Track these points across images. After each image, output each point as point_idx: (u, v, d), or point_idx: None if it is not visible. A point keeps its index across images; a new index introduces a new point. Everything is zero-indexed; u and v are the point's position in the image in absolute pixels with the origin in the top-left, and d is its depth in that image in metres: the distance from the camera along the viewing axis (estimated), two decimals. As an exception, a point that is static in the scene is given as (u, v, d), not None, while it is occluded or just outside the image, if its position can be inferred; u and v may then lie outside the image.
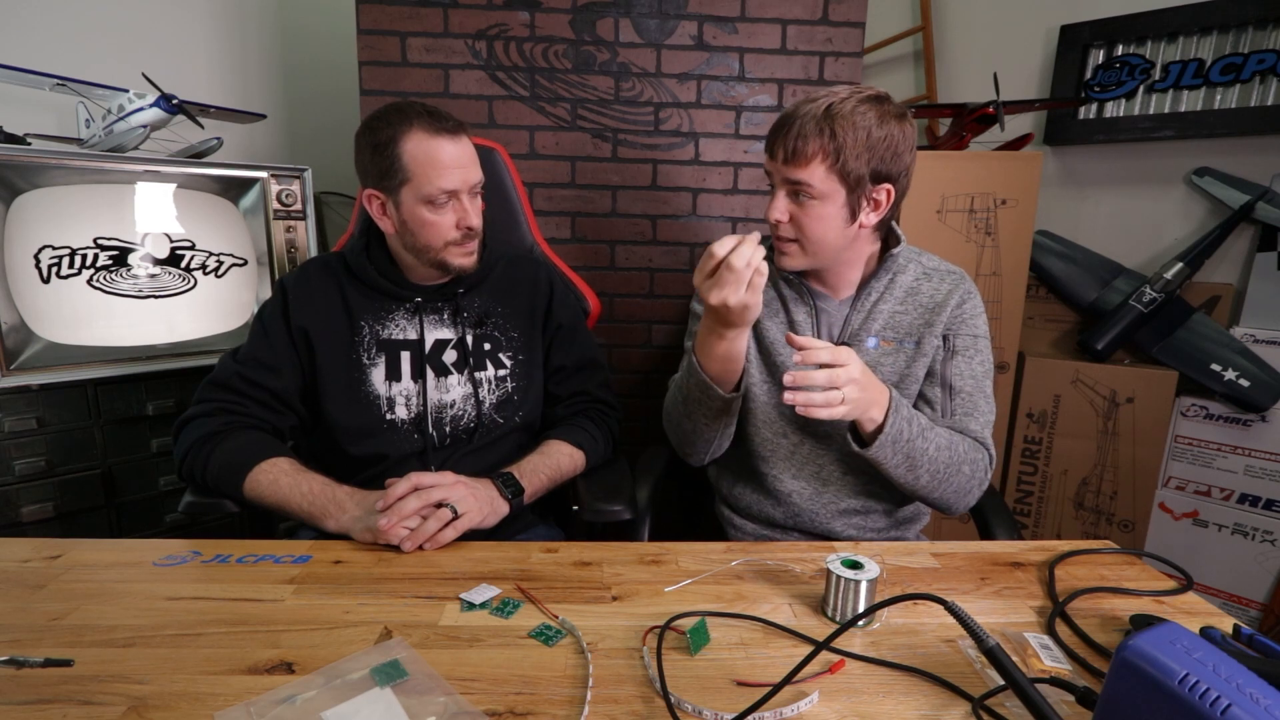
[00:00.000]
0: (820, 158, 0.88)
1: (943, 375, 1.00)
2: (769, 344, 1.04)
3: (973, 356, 1.00)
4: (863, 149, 0.88)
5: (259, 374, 1.00)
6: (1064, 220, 2.13)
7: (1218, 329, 1.86)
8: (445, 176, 0.96)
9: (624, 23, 1.67)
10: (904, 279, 1.02)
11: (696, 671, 0.61)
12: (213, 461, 0.93)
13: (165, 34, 1.83)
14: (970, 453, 0.95)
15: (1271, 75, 1.80)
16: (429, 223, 0.98)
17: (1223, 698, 0.41)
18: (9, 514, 1.38)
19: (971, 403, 0.99)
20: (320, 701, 0.56)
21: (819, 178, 0.89)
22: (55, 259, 1.38)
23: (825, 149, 0.88)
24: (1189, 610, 0.73)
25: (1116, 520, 1.95)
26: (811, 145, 0.88)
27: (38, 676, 0.59)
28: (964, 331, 1.00)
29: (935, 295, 1.01)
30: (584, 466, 1.08)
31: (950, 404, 1.00)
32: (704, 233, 1.79)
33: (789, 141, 0.89)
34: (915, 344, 1.00)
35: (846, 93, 0.90)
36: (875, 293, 1.01)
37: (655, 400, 1.85)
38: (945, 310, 1.00)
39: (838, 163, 0.88)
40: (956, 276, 1.03)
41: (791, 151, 0.89)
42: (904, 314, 1.01)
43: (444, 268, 1.03)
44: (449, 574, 0.78)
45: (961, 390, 1.00)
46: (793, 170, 0.90)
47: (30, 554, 0.80)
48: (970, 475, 0.95)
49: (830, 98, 0.89)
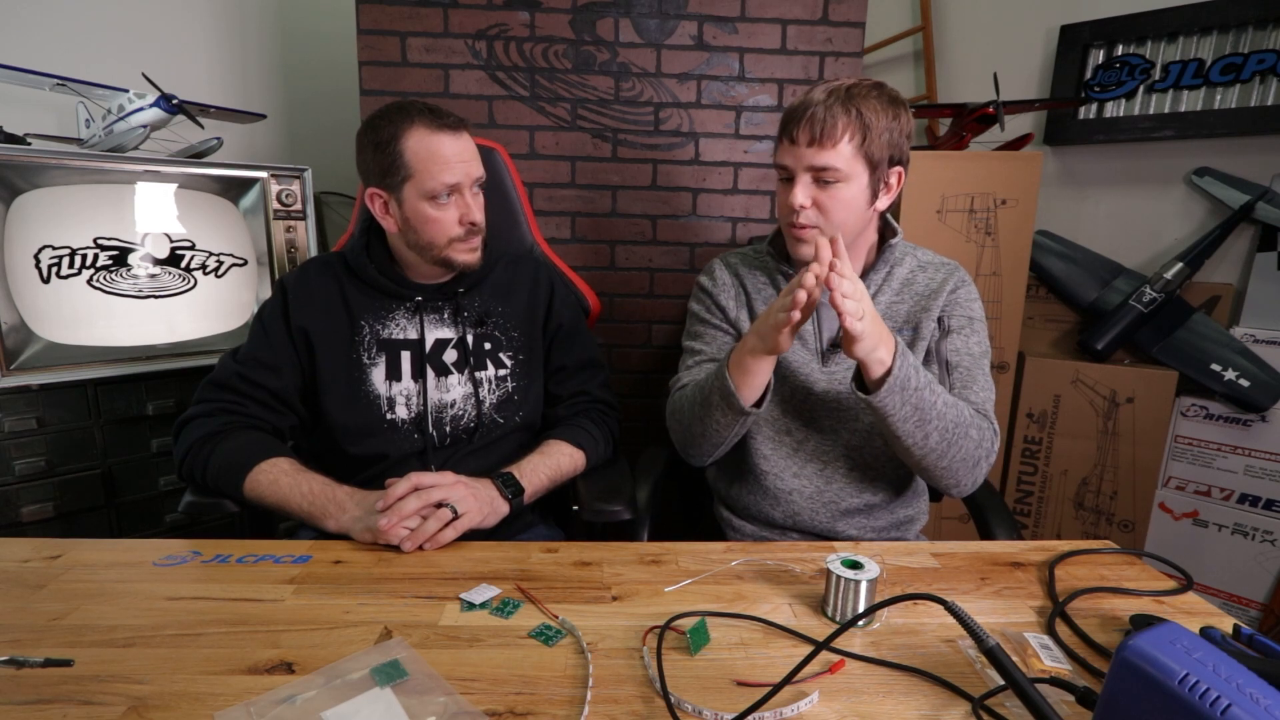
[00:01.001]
0: (849, 137, 0.89)
1: (939, 353, 1.00)
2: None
3: (969, 335, 1.01)
4: (884, 130, 0.90)
5: (259, 374, 1.00)
6: (1064, 220, 2.13)
7: (1218, 329, 1.86)
8: (447, 171, 0.96)
9: (624, 23, 1.67)
10: (900, 271, 1.03)
11: (696, 671, 0.61)
12: (213, 462, 0.93)
13: (165, 34, 1.83)
14: (975, 419, 0.93)
15: (1271, 75, 1.80)
16: (432, 219, 0.98)
17: (1223, 698, 0.41)
18: (9, 514, 1.38)
19: (969, 376, 0.99)
20: (320, 701, 0.56)
21: (845, 159, 0.89)
22: (55, 259, 1.38)
23: (853, 128, 0.89)
24: (1189, 610, 0.73)
25: (1116, 520, 1.95)
26: (840, 125, 0.88)
27: (38, 676, 0.59)
28: (958, 313, 1.01)
29: (930, 284, 1.02)
30: (584, 466, 1.08)
31: (948, 379, 0.99)
32: (704, 233, 1.79)
33: (815, 124, 0.88)
34: (913, 330, 1.01)
35: (852, 79, 0.91)
36: (873, 285, 1.02)
37: (655, 400, 1.87)
38: (940, 295, 1.01)
39: (865, 142, 0.89)
40: (951, 267, 1.04)
41: (820, 134, 0.88)
42: (900, 303, 1.02)
43: (448, 265, 1.03)
44: (449, 574, 0.78)
45: (959, 366, 0.99)
46: (819, 153, 0.89)
47: (30, 554, 0.80)
48: (978, 443, 0.93)
49: (843, 82, 0.90)
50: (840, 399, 1.03)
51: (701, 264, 1.81)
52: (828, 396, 1.03)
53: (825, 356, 1.03)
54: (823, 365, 1.03)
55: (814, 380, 1.03)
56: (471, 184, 0.99)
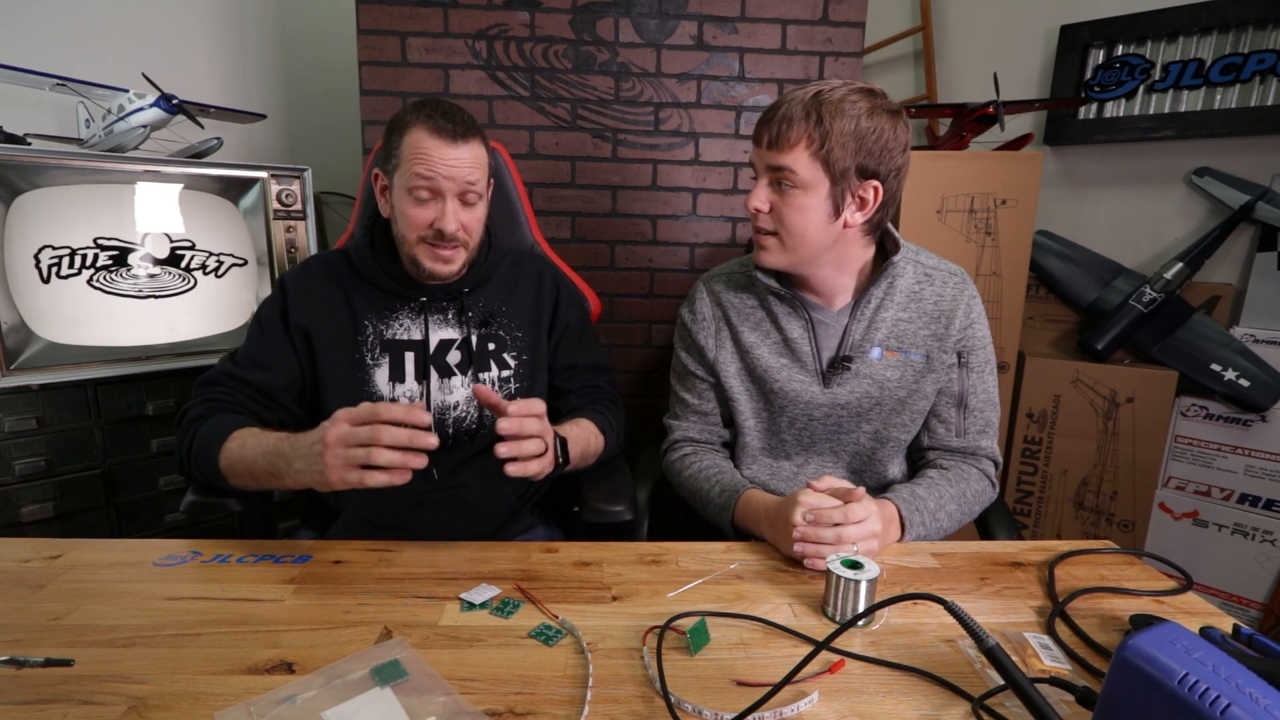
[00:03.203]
0: (805, 143, 0.86)
1: (960, 394, 1.00)
2: (762, 371, 1.01)
3: (985, 374, 1.00)
4: (849, 138, 0.86)
5: (249, 370, 1.00)
6: (1064, 220, 2.13)
7: (1218, 329, 1.86)
8: (428, 172, 0.95)
9: (624, 23, 1.67)
10: (903, 282, 0.99)
11: (696, 671, 0.61)
12: (195, 443, 0.91)
13: (165, 34, 1.83)
14: (980, 494, 0.98)
15: (1271, 75, 1.80)
16: (406, 214, 0.98)
17: (1222, 698, 0.41)
18: (9, 514, 1.38)
19: (984, 421, 1.01)
20: (320, 701, 0.56)
21: (802, 164, 0.87)
22: (55, 259, 1.38)
23: (810, 134, 0.86)
24: (1189, 610, 0.73)
25: (1116, 520, 1.95)
26: (796, 130, 0.86)
27: (38, 676, 0.59)
28: (976, 346, 0.99)
29: (940, 302, 0.98)
30: (601, 453, 1.07)
31: (964, 422, 1.00)
32: (704, 233, 1.79)
33: (774, 126, 0.87)
34: (924, 358, 0.98)
35: (838, 83, 0.89)
36: (875, 300, 0.98)
37: (655, 400, 1.87)
38: (954, 322, 0.97)
39: (822, 149, 0.86)
40: (958, 279, 1.00)
41: (776, 136, 0.87)
42: (908, 322, 0.98)
43: (416, 265, 1.01)
44: (449, 574, 0.78)
45: (975, 409, 1.00)
46: (776, 155, 0.88)
47: (30, 554, 0.80)
48: (982, 505, 1.00)
49: (820, 86, 0.88)
50: (840, 421, 1.01)
51: (702, 264, 1.81)
52: (829, 420, 1.01)
53: (826, 378, 1.00)
54: (824, 387, 0.99)
55: (816, 404, 1.00)
56: (457, 192, 0.97)
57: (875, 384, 0.98)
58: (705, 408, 1.09)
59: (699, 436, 1.09)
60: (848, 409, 1.00)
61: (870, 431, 1.01)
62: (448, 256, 1.00)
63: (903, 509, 0.89)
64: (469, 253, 1.03)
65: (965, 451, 1.02)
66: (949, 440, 1.02)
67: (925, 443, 1.04)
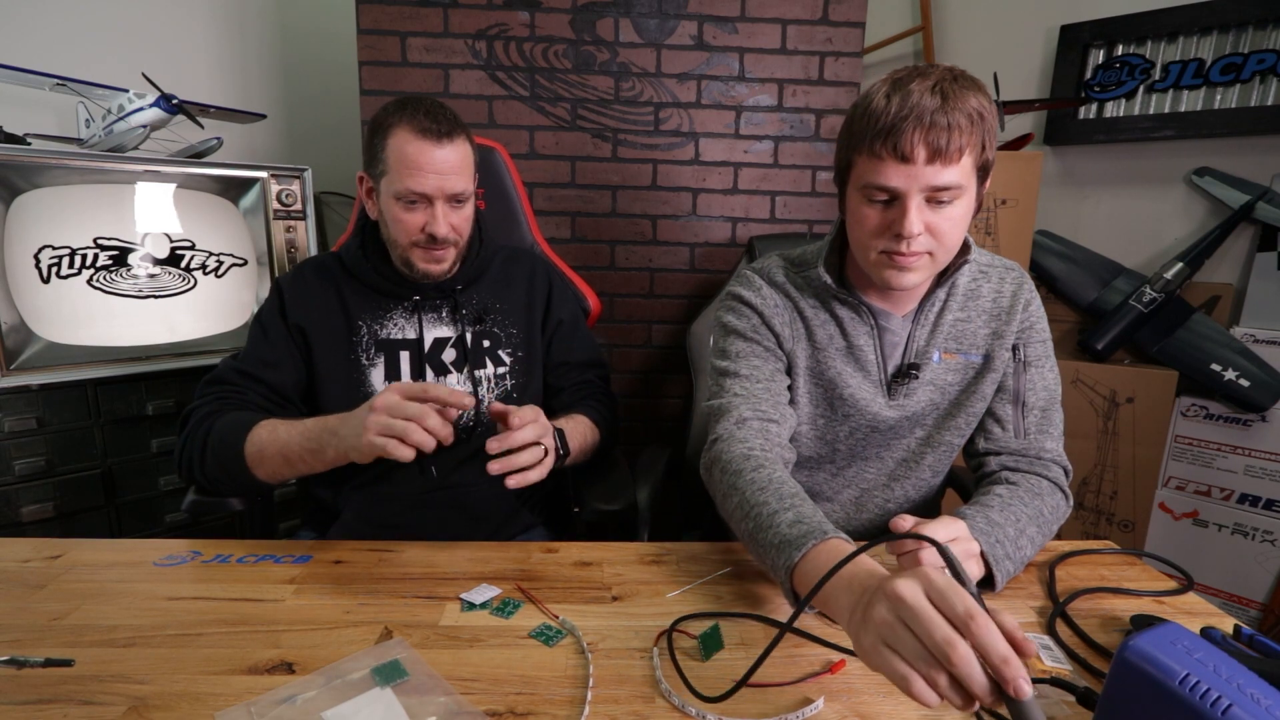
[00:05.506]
0: (970, 150, 0.75)
1: (1016, 390, 0.91)
2: (834, 375, 0.91)
3: (1044, 366, 0.92)
4: (993, 131, 0.77)
5: (258, 369, 1.00)
6: (1064, 220, 2.13)
7: (1218, 329, 1.86)
8: (417, 180, 0.94)
9: (624, 23, 1.67)
10: (961, 281, 0.91)
11: (699, 671, 0.61)
12: (212, 434, 0.90)
13: (165, 34, 1.83)
14: (1056, 510, 0.85)
15: (1271, 75, 1.80)
16: (397, 219, 0.98)
17: (1223, 698, 0.40)
18: (9, 514, 1.38)
19: (1046, 419, 0.91)
20: (320, 701, 0.56)
21: (966, 173, 0.76)
22: (55, 259, 1.38)
23: (974, 135, 0.74)
24: (1189, 610, 0.73)
25: (1116, 520, 1.95)
26: (964, 138, 0.73)
27: (38, 676, 0.59)
28: (1034, 339, 0.91)
29: (999, 299, 0.91)
30: (597, 446, 1.07)
31: (1024, 422, 0.91)
32: (704, 232, 1.79)
33: (937, 135, 0.72)
34: (983, 357, 0.91)
35: (939, 67, 0.76)
36: (938, 303, 0.90)
37: (655, 400, 1.87)
38: (1014, 317, 0.90)
39: (982, 152, 0.77)
40: (1016, 274, 0.93)
41: (945, 145, 0.73)
42: (966, 321, 0.91)
43: (409, 267, 1.02)
44: (449, 574, 0.78)
45: (1035, 406, 0.91)
46: (942, 171, 0.74)
47: (30, 554, 0.80)
48: (1058, 524, 0.87)
49: (938, 73, 0.74)
50: (898, 430, 0.92)
51: (702, 264, 1.81)
52: (892, 433, 0.93)
53: (891, 388, 0.91)
54: (889, 398, 0.91)
55: (881, 417, 0.91)
56: (445, 197, 0.97)
57: (937, 389, 0.91)
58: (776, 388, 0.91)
59: (773, 415, 0.88)
60: (911, 419, 0.92)
61: (921, 437, 0.94)
62: (440, 256, 1.01)
63: (987, 552, 0.72)
64: (460, 250, 1.04)
65: (1028, 456, 0.90)
66: (1008, 442, 0.91)
67: (981, 447, 0.93)
